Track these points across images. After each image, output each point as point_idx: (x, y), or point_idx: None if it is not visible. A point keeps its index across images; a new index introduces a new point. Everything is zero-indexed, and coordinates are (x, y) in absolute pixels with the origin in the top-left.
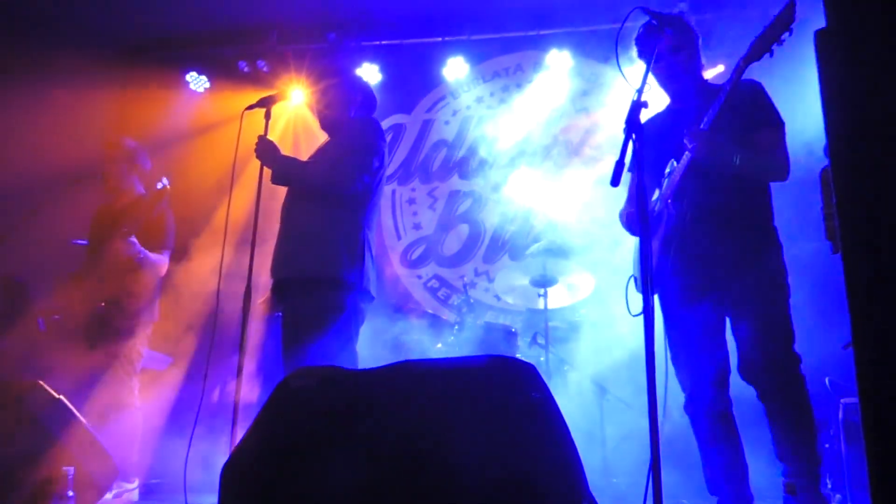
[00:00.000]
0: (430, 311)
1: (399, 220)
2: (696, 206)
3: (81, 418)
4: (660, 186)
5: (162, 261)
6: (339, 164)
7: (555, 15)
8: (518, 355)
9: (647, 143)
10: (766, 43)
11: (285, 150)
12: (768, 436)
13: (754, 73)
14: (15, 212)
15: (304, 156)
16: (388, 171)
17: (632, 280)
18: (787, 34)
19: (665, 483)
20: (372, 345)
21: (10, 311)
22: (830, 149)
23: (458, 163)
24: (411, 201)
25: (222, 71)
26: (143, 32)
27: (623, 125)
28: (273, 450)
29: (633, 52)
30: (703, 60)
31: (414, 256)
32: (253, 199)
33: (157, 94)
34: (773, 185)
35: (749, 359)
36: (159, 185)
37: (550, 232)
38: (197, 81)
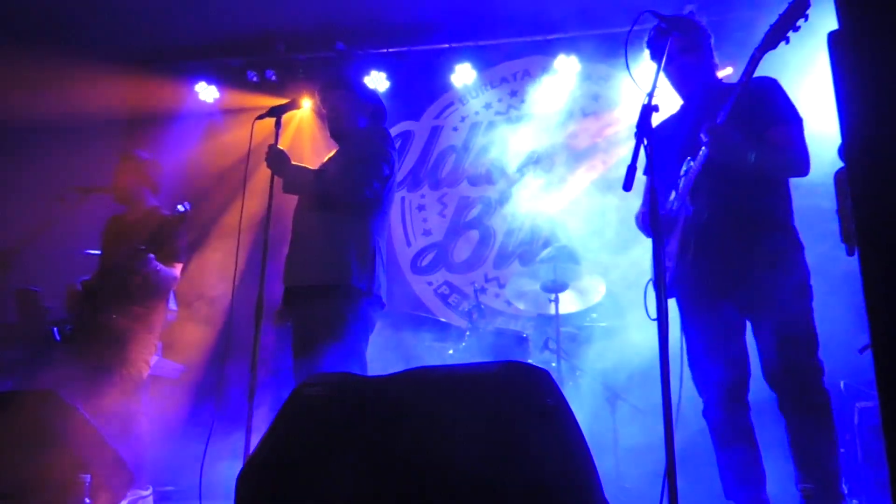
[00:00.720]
0: (440, 317)
1: (409, 227)
2: (712, 205)
3: (96, 426)
4: (676, 187)
5: (173, 273)
6: (349, 172)
7: (562, 19)
8: (530, 361)
9: (661, 144)
10: (781, 31)
11: (300, 155)
12: (786, 441)
13: (785, 71)
14: (29, 222)
15: (320, 158)
16: (398, 177)
17: (650, 284)
18: (802, 20)
19: (679, 489)
20: (383, 351)
21: (25, 320)
22: (846, 150)
23: (468, 169)
24: (421, 207)
25: (231, 81)
26: (152, 43)
27: (634, 129)
28: (288, 458)
29: (646, 54)
30: (717, 60)
31: (424, 263)
32: (264, 207)
33: (167, 105)
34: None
35: (772, 364)
36: (180, 209)
37: (560, 237)
38: (206, 91)
